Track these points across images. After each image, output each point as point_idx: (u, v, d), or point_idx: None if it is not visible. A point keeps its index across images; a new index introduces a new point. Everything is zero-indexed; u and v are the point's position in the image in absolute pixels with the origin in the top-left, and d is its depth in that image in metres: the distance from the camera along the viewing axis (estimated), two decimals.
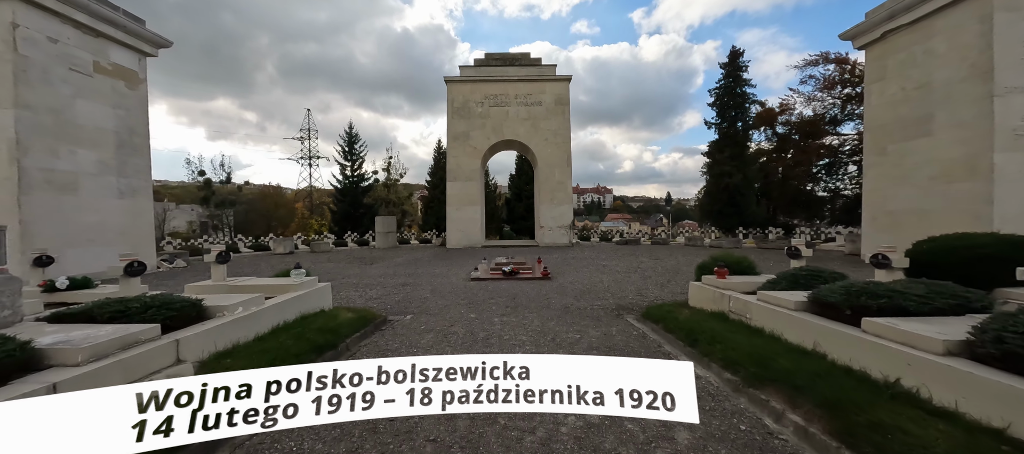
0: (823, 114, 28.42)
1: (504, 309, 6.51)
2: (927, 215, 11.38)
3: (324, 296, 5.42)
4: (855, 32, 13.31)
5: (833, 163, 28.30)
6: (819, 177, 29.26)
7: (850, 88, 27.61)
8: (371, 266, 13.13)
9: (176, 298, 3.41)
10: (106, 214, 11.57)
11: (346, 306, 6.13)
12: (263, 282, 5.06)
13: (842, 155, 28.07)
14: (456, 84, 21.30)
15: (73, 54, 10.85)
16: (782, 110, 29.44)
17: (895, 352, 2.73)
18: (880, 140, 12.87)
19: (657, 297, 7.43)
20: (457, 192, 21.01)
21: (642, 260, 13.71)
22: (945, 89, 10.93)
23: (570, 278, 9.79)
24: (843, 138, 28.23)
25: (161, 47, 13.27)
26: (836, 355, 3.16)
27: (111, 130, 11.77)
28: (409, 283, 9.36)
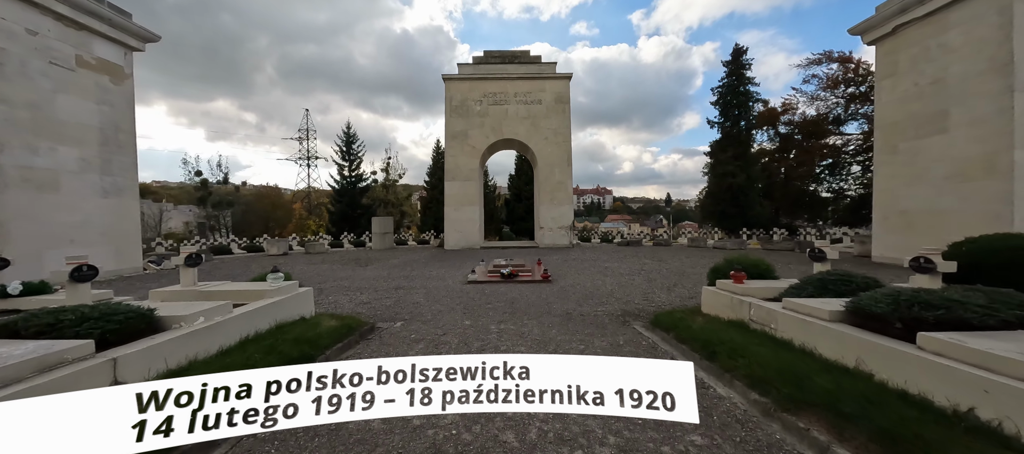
0: (826, 113, 28.05)
1: (502, 315, 6.07)
2: (942, 215, 10.95)
3: (304, 302, 4.97)
4: (865, 27, 12.89)
5: (836, 163, 27.92)
6: (822, 178, 28.90)
7: (854, 87, 27.25)
8: (365, 268, 12.69)
9: (122, 308, 2.96)
10: (89, 213, 11.12)
11: (330, 313, 5.68)
12: (236, 287, 4.62)
13: (846, 155, 27.70)
14: (454, 82, 20.86)
15: (53, 47, 10.41)
16: (784, 110, 29.06)
17: (966, 375, 2.29)
18: (891, 138, 12.44)
19: (664, 302, 6.99)
20: (455, 192, 20.55)
21: (645, 262, 13.27)
22: (961, 84, 10.50)
23: (571, 281, 9.35)
24: (847, 138, 27.88)
25: (148, 41, 12.82)
26: (886, 375, 2.72)
27: (95, 126, 11.32)
28: (403, 286, 8.91)
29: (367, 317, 6.00)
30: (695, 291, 7.97)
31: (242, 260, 16.22)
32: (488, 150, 21.68)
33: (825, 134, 27.95)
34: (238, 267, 13.13)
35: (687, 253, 16.72)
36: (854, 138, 27.49)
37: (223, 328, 3.51)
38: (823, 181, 28.96)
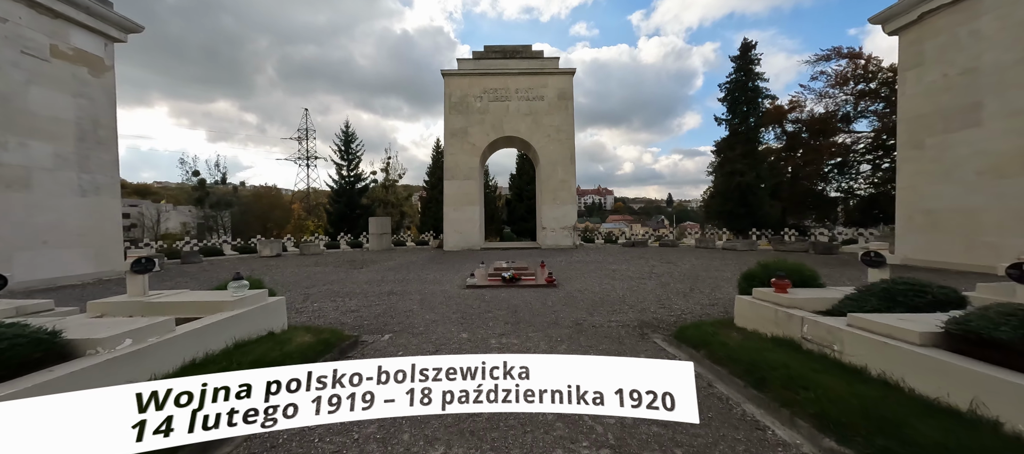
0: (835, 111, 27.35)
1: (503, 326, 5.38)
2: (974, 215, 10.24)
3: (274, 314, 4.28)
4: (887, 15, 12.18)
5: (845, 162, 27.20)
6: (830, 177, 28.18)
7: (864, 84, 26.54)
8: (359, 270, 12.01)
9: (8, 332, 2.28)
10: (64, 213, 10.46)
11: (307, 325, 4.99)
12: (194, 298, 3.94)
13: (855, 153, 26.98)
14: (454, 78, 20.19)
15: (26, 36, 9.76)
16: (792, 108, 28.35)
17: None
18: (917, 133, 11.73)
19: (684, 310, 6.30)
20: (454, 191, 19.87)
21: (653, 264, 12.57)
22: (996, 74, 9.79)
23: (578, 285, 8.66)
24: (856, 136, 27.16)
25: (131, 32, 12.17)
26: (1021, 424, 2.03)
27: (71, 121, 10.66)
28: (396, 291, 8.23)
29: (352, 329, 5.32)
30: (715, 297, 7.28)
31: (232, 262, 15.55)
32: (489, 148, 20.99)
33: (834, 132, 27.24)
34: (225, 270, 12.45)
35: (697, 254, 16.01)
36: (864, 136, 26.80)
37: (157, 352, 2.82)
38: (832, 180, 28.26)
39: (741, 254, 16.12)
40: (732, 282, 8.97)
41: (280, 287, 9.07)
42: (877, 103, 25.99)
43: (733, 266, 11.67)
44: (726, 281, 9.08)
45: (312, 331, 4.47)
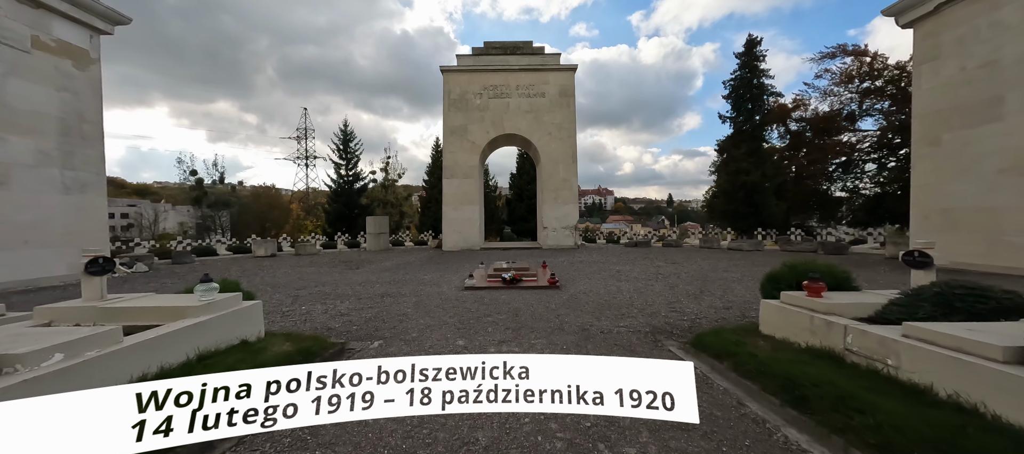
0: (840, 109, 26.89)
1: (504, 332, 4.96)
2: (995, 214, 9.81)
3: (248, 320, 3.84)
4: (902, 6, 11.74)
5: (850, 161, 26.76)
6: (835, 176, 27.74)
7: (870, 82, 26.09)
8: (355, 271, 11.59)
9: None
10: (47, 211, 10.04)
11: (288, 332, 4.56)
12: (153, 303, 3.50)
13: (860, 152, 26.53)
14: (453, 74, 19.76)
15: (5, 26, 9.34)
16: (795, 106, 27.90)
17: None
18: (933, 129, 11.29)
19: (697, 314, 5.87)
20: (454, 190, 19.43)
21: (659, 265, 12.14)
22: (1019, 66, 9.35)
23: (582, 287, 8.23)
24: (862, 134, 26.71)
25: (118, 24, 11.76)
26: None
27: (54, 115, 10.24)
28: (391, 293, 7.80)
29: (339, 335, 4.90)
30: (729, 300, 6.85)
31: (225, 262, 15.12)
32: (489, 146, 20.56)
33: (838, 130, 26.79)
34: (217, 271, 12.02)
35: (702, 255, 15.57)
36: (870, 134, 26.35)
37: (95, 369, 2.38)
38: (836, 180, 27.82)
39: (747, 254, 15.68)
40: (743, 283, 8.55)
41: (269, 288, 8.65)
42: (883, 101, 25.55)
43: (741, 266, 11.25)
44: (737, 282, 8.65)
45: (292, 338, 4.05)
